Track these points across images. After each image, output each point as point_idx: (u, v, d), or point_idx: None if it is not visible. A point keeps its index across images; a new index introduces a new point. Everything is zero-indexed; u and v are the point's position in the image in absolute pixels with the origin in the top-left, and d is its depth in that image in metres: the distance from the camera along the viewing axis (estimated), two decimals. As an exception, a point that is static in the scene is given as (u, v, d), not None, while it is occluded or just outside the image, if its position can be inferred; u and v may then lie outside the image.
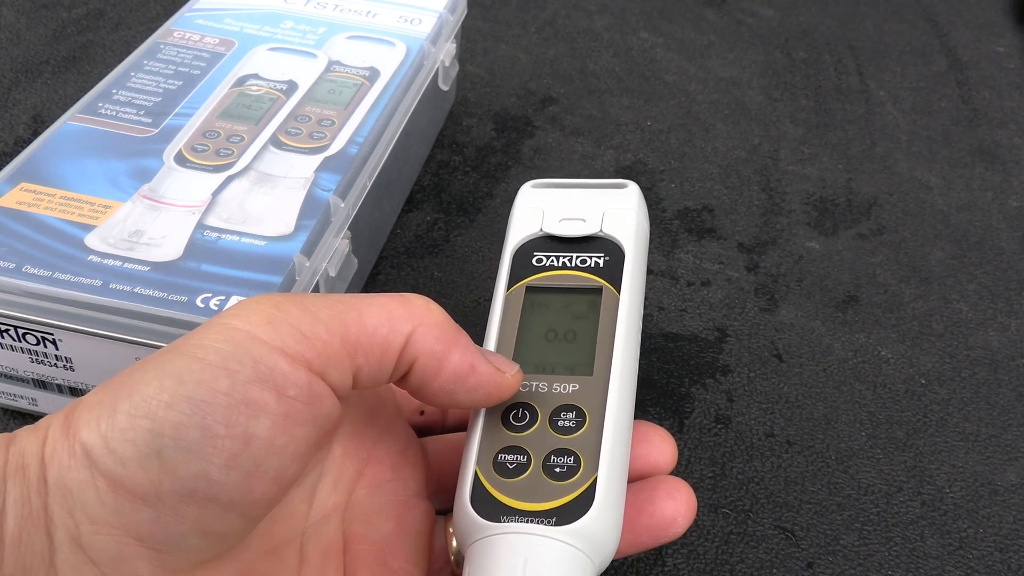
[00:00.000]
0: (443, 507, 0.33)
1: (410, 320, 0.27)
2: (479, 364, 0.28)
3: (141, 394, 0.24)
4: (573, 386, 0.31)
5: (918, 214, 0.56)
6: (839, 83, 0.67)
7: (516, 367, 0.30)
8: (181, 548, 0.25)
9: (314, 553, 0.29)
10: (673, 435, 0.41)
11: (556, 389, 0.31)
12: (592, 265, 0.33)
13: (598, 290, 0.33)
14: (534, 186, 0.36)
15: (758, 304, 0.49)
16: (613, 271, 0.33)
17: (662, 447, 0.32)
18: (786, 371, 0.45)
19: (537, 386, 0.31)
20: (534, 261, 0.34)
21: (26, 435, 0.24)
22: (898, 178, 0.59)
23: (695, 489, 0.39)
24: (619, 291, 0.32)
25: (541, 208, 0.35)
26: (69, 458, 0.24)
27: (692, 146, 0.60)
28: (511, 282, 0.33)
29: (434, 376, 0.28)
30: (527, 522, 0.28)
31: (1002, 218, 0.56)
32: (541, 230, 0.34)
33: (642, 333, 0.33)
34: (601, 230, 0.34)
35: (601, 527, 0.28)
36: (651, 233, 0.43)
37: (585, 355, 0.31)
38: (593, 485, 0.28)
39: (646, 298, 0.48)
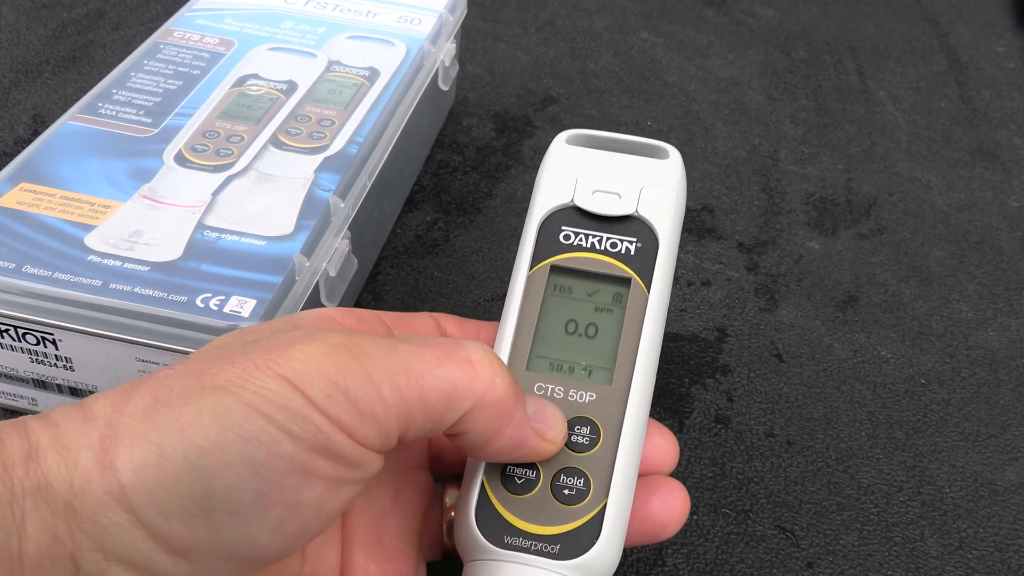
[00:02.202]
0: (441, 473, 0.33)
1: (471, 396, 0.26)
2: (527, 439, 0.28)
3: (193, 441, 0.23)
4: (590, 395, 0.29)
5: (918, 214, 0.56)
6: (839, 83, 0.67)
7: (563, 432, 0.29)
8: None
9: None
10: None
11: (572, 397, 0.29)
12: (623, 251, 0.31)
13: (626, 281, 0.31)
14: (569, 140, 0.33)
15: (758, 304, 0.49)
16: (644, 262, 0.31)
17: (665, 450, 0.31)
18: (786, 371, 0.45)
19: (553, 390, 0.30)
20: (561, 237, 0.31)
21: (50, 453, 0.23)
22: (898, 178, 0.59)
23: (695, 489, 0.39)
24: (648, 288, 0.30)
25: (574, 173, 0.32)
26: (105, 495, 0.22)
27: (692, 146, 0.60)
28: (535, 259, 0.31)
29: (479, 448, 0.27)
30: (530, 548, 0.27)
31: (1002, 218, 0.56)
32: (572, 201, 0.32)
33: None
34: (637, 211, 0.31)
35: (605, 561, 0.28)
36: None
37: (605, 358, 0.30)
38: (601, 514, 0.28)
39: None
